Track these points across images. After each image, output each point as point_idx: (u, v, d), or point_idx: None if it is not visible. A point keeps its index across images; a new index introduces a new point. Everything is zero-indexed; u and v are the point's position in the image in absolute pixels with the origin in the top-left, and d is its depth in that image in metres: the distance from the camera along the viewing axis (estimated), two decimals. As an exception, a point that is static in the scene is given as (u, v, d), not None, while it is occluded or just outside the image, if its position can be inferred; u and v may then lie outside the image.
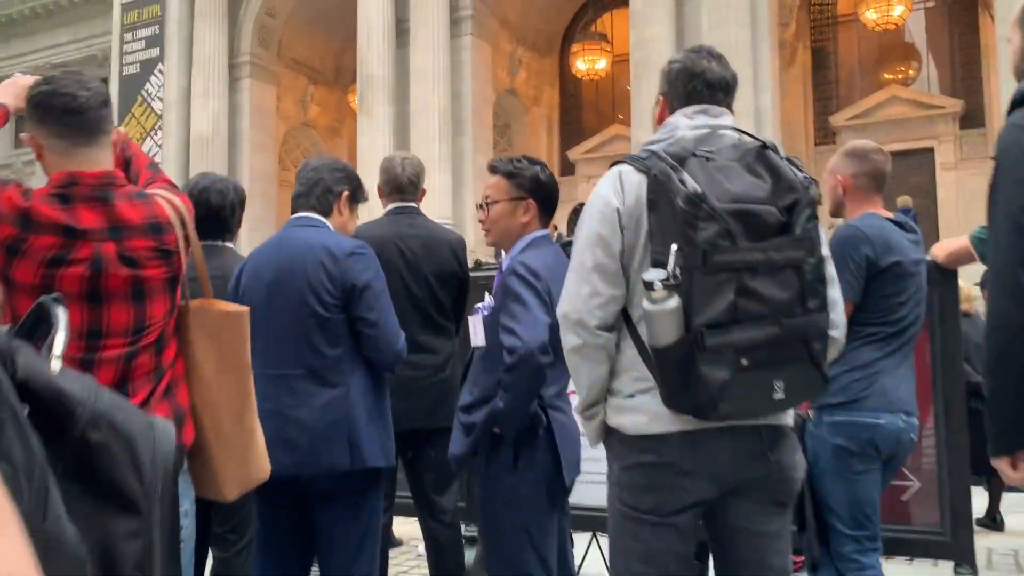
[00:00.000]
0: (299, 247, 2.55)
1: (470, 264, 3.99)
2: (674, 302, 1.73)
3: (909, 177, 19.56)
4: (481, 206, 2.71)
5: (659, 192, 1.83)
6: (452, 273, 3.47)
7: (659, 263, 1.83)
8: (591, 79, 25.79)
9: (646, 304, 1.76)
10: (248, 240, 22.85)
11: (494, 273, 4.07)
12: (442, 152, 20.37)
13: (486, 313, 2.61)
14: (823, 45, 23.58)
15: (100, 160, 1.92)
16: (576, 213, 4.92)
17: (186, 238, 2.00)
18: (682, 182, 1.78)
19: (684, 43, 18.55)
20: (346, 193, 2.72)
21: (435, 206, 19.53)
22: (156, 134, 24.90)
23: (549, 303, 2.47)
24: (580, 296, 1.94)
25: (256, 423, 2.09)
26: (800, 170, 1.88)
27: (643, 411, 1.91)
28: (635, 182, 1.94)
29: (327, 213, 2.67)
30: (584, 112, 26.77)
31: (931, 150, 20.88)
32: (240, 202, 3.13)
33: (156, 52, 25.26)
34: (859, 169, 2.97)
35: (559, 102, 27.00)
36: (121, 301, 1.88)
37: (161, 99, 24.88)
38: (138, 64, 25.69)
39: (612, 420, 1.98)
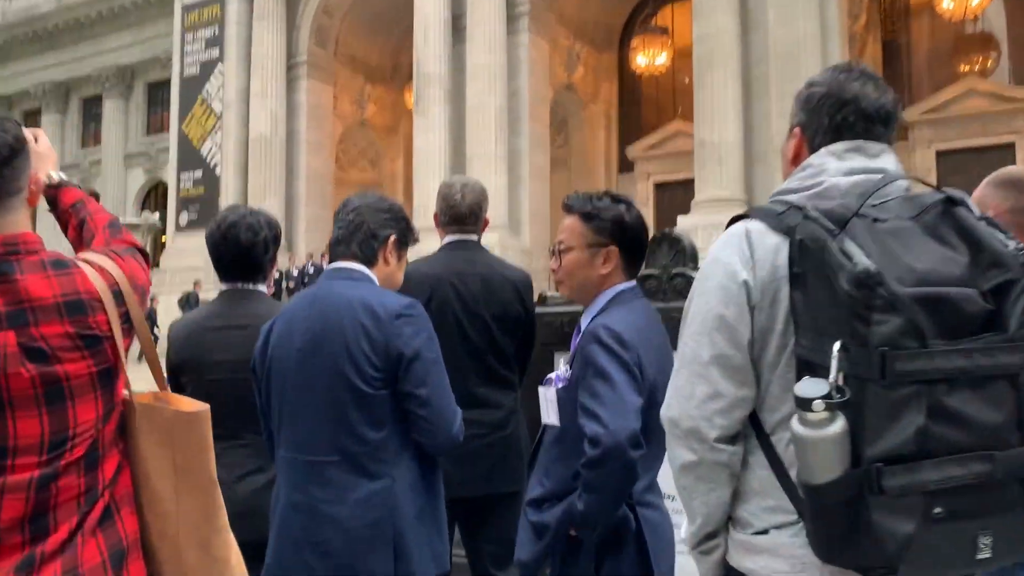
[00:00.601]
0: (336, 306, 2.11)
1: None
2: (838, 427, 1.24)
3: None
4: (553, 252, 2.25)
5: (810, 265, 1.35)
6: (516, 317, 3.01)
7: (808, 364, 1.35)
8: (651, 74, 25.10)
9: (798, 427, 1.27)
10: (306, 240, 22.99)
11: (561, 310, 3.60)
12: (498, 151, 20.01)
13: (560, 385, 2.14)
14: (894, 37, 22.54)
15: (5, 226, 1.46)
16: (658, 243, 3.86)
17: (127, 316, 1.54)
18: (845, 254, 1.29)
19: (749, 37, 17.84)
20: (393, 238, 2.27)
21: (491, 207, 18.99)
22: (216, 135, 25.00)
23: (640, 379, 2.00)
24: (695, 398, 1.47)
25: (230, 549, 1.62)
26: (1005, 234, 1.37)
27: (781, 555, 1.43)
28: (770, 246, 1.46)
29: (371, 262, 2.23)
30: (643, 108, 26.11)
31: (1012, 146, 19.77)
32: (275, 238, 2.72)
33: (216, 53, 25.40)
34: (1018, 203, 2.42)
35: (618, 98, 26.38)
36: (30, 407, 1.42)
37: (221, 100, 24.96)
38: (198, 65, 25.88)
39: (737, 560, 1.51)
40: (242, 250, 2.64)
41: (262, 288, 2.73)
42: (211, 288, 13.98)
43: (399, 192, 27.42)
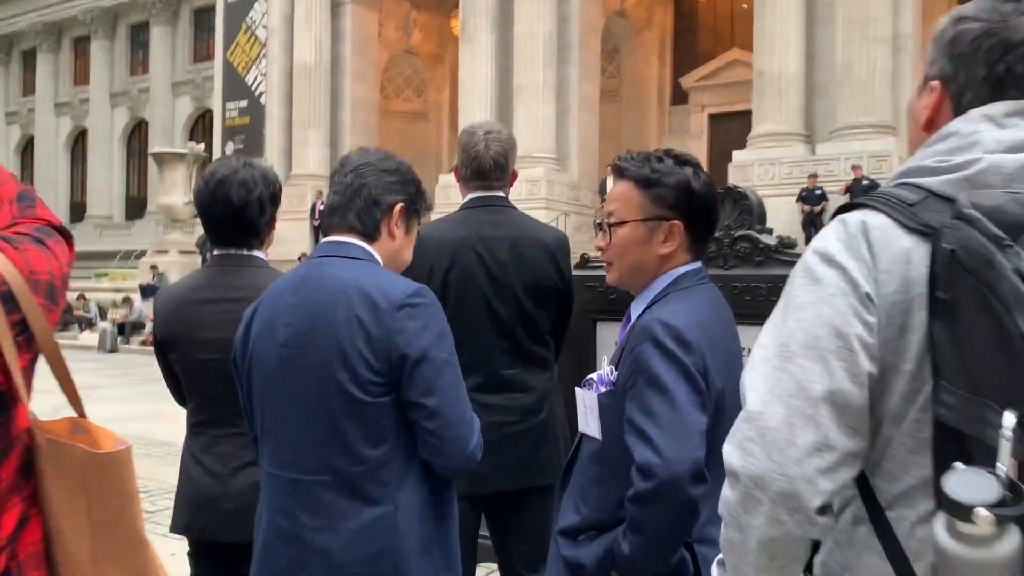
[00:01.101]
0: (327, 293, 1.72)
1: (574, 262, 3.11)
2: (1011, 545, 0.84)
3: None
4: (600, 226, 1.83)
5: (965, 290, 0.93)
6: (550, 286, 2.60)
7: (955, 434, 0.93)
8: (708, -1, 23.97)
9: (946, 541, 0.87)
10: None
11: (604, 274, 3.19)
12: (546, 80, 19.32)
13: (603, 390, 1.75)
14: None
15: None
16: (720, 200, 2.39)
17: (22, 324, 1.17)
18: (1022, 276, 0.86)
19: (815, -41, 16.69)
20: (400, 206, 1.84)
21: (537, 140, 18.57)
22: (261, 63, 24.59)
23: (706, 390, 1.60)
24: (796, 448, 1.02)
25: None
26: None
27: None
28: (898, 252, 1.03)
29: (372, 236, 1.82)
30: (699, 35, 25.00)
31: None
32: (271, 197, 2.33)
33: (260, -22, 24.79)
34: None
35: (672, 24, 25.26)
36: None
37: (265, 27, 24.46)
38: (243, -9, 25.33)
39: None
40: (234, 210, 2.26)
41: (258, 254, 2.36)
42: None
43: (444, 124, 26.86)
